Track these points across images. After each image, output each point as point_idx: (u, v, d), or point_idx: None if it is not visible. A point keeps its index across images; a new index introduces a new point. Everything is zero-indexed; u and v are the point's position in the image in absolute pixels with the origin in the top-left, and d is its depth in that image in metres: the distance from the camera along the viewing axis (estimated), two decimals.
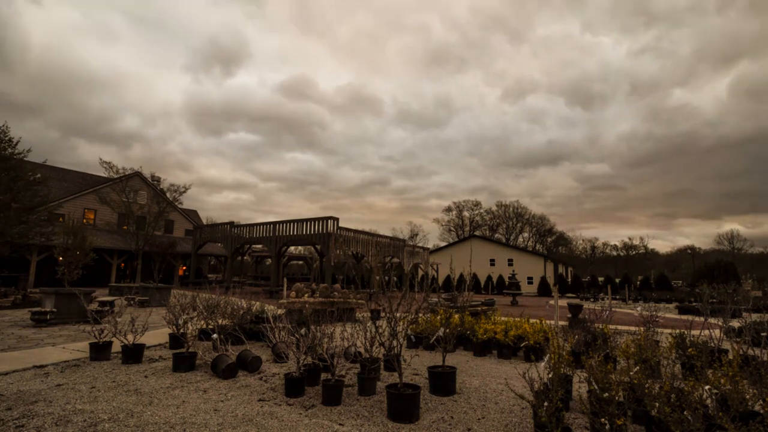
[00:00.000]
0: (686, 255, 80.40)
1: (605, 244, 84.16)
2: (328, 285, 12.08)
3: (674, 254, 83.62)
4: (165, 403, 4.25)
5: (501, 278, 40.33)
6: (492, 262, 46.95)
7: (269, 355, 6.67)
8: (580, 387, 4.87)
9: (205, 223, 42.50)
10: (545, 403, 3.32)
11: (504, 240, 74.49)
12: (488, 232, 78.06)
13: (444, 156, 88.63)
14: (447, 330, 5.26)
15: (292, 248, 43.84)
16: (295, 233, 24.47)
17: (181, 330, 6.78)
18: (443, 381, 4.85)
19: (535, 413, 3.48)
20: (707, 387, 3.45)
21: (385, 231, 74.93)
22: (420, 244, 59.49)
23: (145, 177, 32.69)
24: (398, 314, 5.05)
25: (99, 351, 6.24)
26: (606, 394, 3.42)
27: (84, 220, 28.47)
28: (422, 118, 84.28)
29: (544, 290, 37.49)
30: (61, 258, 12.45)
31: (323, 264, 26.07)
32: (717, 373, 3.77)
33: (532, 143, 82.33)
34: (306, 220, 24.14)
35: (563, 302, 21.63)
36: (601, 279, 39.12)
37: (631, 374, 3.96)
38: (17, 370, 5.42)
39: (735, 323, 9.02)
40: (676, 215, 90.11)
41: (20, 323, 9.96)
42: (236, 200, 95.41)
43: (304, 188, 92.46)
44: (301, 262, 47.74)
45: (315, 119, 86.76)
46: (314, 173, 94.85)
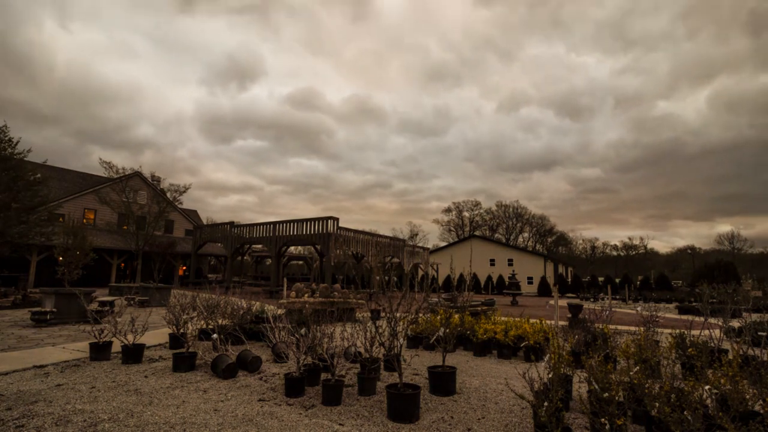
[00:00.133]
0: (686, 255, 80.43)
1: (605, 244, 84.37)
2: (328, 285, 12.08)
3: (674, 254, 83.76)
4: (165, 403, 4.25)
5: (501, 278, 40.33)
6: (492, 262, 46.96)
7: (269, 355, 6.67)
8: (580, 387, 4.87)
9: (205, 223, 42.51)
10: (545, 403, 3.32)
11: (504, 240, 74.51)
12: (488, 232, 78.09)
13: (443, 161, 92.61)
14: (447, 330, 5.26)
15: (292, 248, 43.85)
16: (295, 233, 24.47)
17: (181, 330, 6.78)
18: (443, 381, 4.85)
19: (535, 413, 3.48)
20: (707, 387, 3.45)
21: (386, 231, 76.18)
22: (420, 244, 59.53)
23: (145, 177, 32.70)
24: (398, 314, 5.05)
25: (99, 351, 6.24)
26: (606, 394, 3.42)
27: (84, 220, 28.47)
28: (422, 127, 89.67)
29: (544, 290, 37.49)
30: (61, 258, 12.45)
31: (323, 264, 26.07)
32: (717, 373, 3.76)
33: (527, 150, 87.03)
34: (306, 220, 24.14)
35: (563, 302, 21.63)
36: (601, 279, 39.12)
37: (631, 374, 3.96)
38: (17, 370, 5.42)
39: (735, 323, 9.02)
40: (670, 216, 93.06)
41: (20, 323, 9.96)
42: (241, 202, 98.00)
43: (308, 191, 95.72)
44: (301, 262, 47.75)
45: (321, 128, 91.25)
46: (318, 177, 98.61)
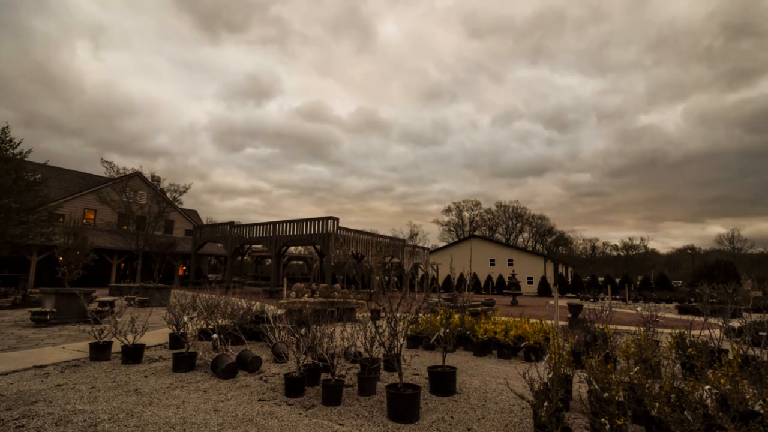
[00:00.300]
0: (686, 255, 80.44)
1: (605, 244, 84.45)
2: (328, 285, 12.08)
3: (674, 254, 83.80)
4: (165, 403, 4.25)
5: (501, 278, 40.34)
6: (492, 262, 46.96)
7: (269, 355, 6.67)
8: (580, 387, 4.87)
9: (205, 223, 42.51)
10: (545, 403, 3.32)
11: (504, 240, 74.52)
12: (488, 232, 78.10)
13: (442, 167, 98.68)
14: (447, 330, 5.26)
15: (292, 248, 43.86)
16: (295, 233, 24.47)
17: (181, 330, 6.78)
18: (443, 381, 4.85)
19: (535, 413, 3.48)
20: (707, 387, 3.45)
21: (386, 232, 77.15)
22: (420, 244, 59.58)
23: (145, 177, 32.71)
24: (398, 314, 5.05)
25: (99, 351, 6.23)
26: (606, 394, 3.42)
27: (84, 220, 28.47)
28: (422, 138, 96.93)
29: (544, 290, 37.49)
30: (62, 258, 12.46)
31: (323, 264, 26.07)
32: (717, 373, 3.76)
33: (521, 158, 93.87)
34: (306, 220, 24.13)
35: (563, 302, 21.63)
36: (601, 279, 39.12)
37: (631, 374, 3.96)
38: (17, 370, 5.42)
39: (735, 323, 9.01)
40: (662, 218, 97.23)
41: (20, 323, 9.96)
42: (247, 204, 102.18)
43: (312, 194, 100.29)
44: (301, 262, 47.75)
45: (328, 138, 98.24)
46: (322, 181, 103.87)
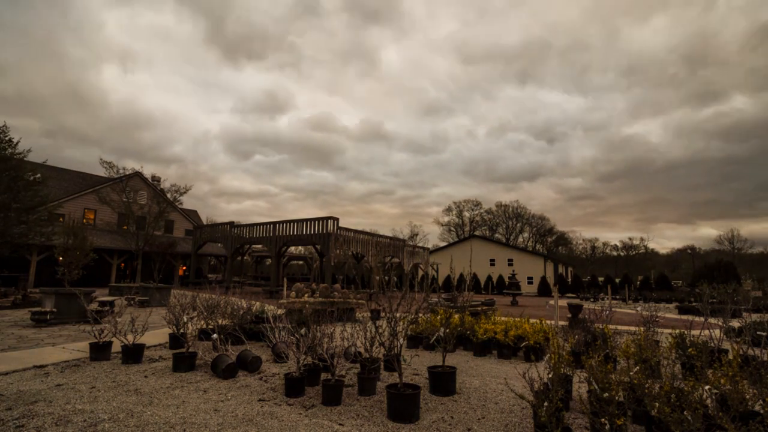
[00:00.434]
0: (686, 255, 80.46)
1: (605, 244, 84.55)
2: (328, 285, 12.08)
3: (674, 254, 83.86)
4: (165, 403, 4.25)
5: (501, 278, 40.34)
6: (492, 262, 46.96)
7: (269, 355, 6.68)
8: (580, 387, 4.87)
9: (206, 223, 42.51)
10: (545, 403, 3.32)
11: (504, 240, 74.52)
12: (488, 232, 78.11)
13: (442, 173, 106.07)
14: (447, 330, 5.26)
15: (292, 248, 43.86)
16: (295, 233, 24.47)
17: (181, 330, 6.78)
18: (443, 381, 4.85)
19: (535, 413, 3.48)
20: (707, 387, 3.45)
21: (386, 232, 78.47)
22: (420, 244, 59.63)
23: (145, 177, 32.70)
24: (398, 314, 5.05)
25: (99, 351, 6.24)
26: (606, 394, 3.42)
27: (84, 220, 28.47)
28: (422, 147, 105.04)
29: (544, 290, 37.50)
30: (61, 258, 12.45)
31: (323, 264, 26.07)
32: (717, 373, 3.76)
33: (515, 164, 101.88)
34: (306, 220, 24.13)
35: (563, 302, 21.63)
36: (601, 279, 39.12)
37: (631, 374, 3.96)
38: (17, 370, 5.42)
39: (735, 323, 9.02)
40: (655, 220, 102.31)
41: (20, 323, 9.96)
42: (253, 207, 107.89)
43: (316, 197, 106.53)
44: (301, 262, 47.75)
45: (334, 147, 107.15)
46: (327, 185, 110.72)
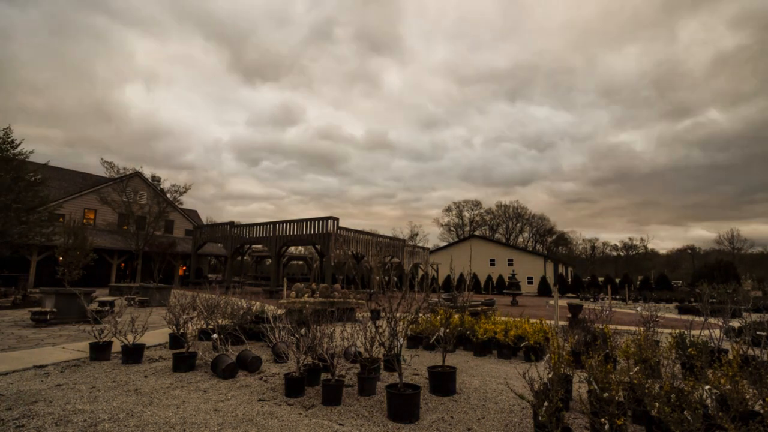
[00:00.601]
0: (686, 255, 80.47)
1: (605, 244, 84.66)
2: (328, 285, 12.08)
3: (674, 254, 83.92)
4: (165, 403, 4.25)
5: (501, 278, 40.33)
6: (492, 262, 46.95)
7: (269, 355, 6.68)
8: (580, 387, 4.87)
9: (206, 223, 42.51)
10: (545, 403, 3.32)
11: (504, 240, 74.53)
12: (488, 232, 78.12)
13: (441, 178, 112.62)
14: (447, 330, 5.26)
15: (292, 248, 43.88)
16: (295, 233, 24.46)
17: (181, 330, 6.78)
18: (443, 381, 4.85)
19: (535, 413, 3.48)
20: (707, 387, 3.45)
21: (386, 232, 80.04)
22: (420, 244, 59.70)
23: (145, 177, 32.69)
24: (398, 314, 5.05)
25: (99, 351, 6.24)
26: (606, 394, 3.42)
27: (84, 220, 28.46)
28: (422, 155, 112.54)
29: (544, 290, 37.49)
30: (62, 258, 12.46)
31: (323, 264, 26.07)
32: (717, 373, 3.76)
33: (510, 171, 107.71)
34: (306, 220, 24.12)
35: (563, 302, 21.63)
36: (601, 279, 39.08)
37: (631, 374, 3.96)
38: (17, 370, 5.43)
39: (735, 323, 9.01)
40: (648, 221, 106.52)
41: (20, 323, 9.96)
42: (260, 209, 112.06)
43: (320, 201, 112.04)
44: (301, 262, 47.73)
45: (338, 154, 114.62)
46: (331, 189, 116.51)
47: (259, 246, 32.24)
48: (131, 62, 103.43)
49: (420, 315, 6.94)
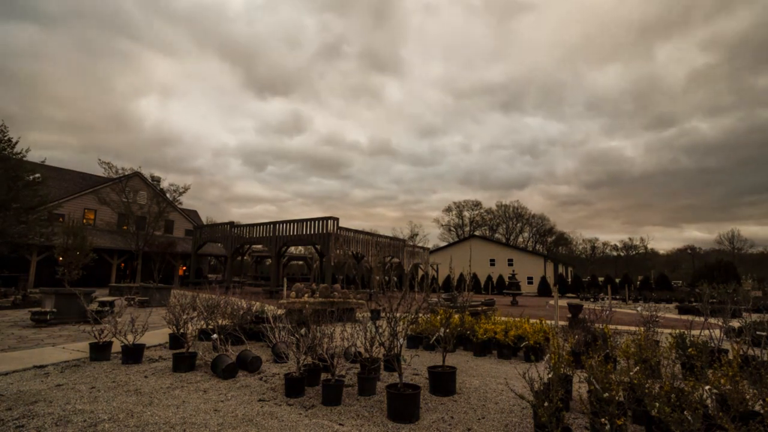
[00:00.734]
0: (686, 255, 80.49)
1: (605, 244, 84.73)
2: (328, 285, 12.08)
3: (674, 254, 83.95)
4: (165, 404, 4.25)
5: (501, 278, 40.34)
6: (492, 262, 46.96)
7: (269, 355, 6.67)
8: (580, 387, 4.87)
9: (205, 224, 42.50)
10: (545, 403, 3.33)
11: (504, 240, 74.55)
12: (488, 232, 78.13)
13: (440, 182, 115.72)
14: (447, 330, 5.26)
15: (292, 248, 43.88)
16: (295, 233, 24.46)
17: (181, 330, 6.78)
18: (443, 381, 4.85)
19: (535, 413, 3.48)
20: (707, 387, 3.45)
21: (386, 232, 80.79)
22: (420, 245, 59.71)
23: (145, 177, 32.67)
24: (398, 314, 5.05)
25: (99, 351, 6.23)
26: (606, 394, 3.42)
27: (84, 220, 28.46)
28: (422, 160, 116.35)
29: (544, 290, 37.50)
30: (61, 258, 12.45)
31: (323, 264, 26.07)
32: (717, 373, 3.76)
33: (506, 175, 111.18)
34: (306, 220, 24.12)
35: (563, 302, 21.63)
36: (601, 279, 39.10)
37: (631, 374, 3.96)
38: (17, 370, 5.42)
39: (735, 323, 9.01)
40: (642, 223, 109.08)
41: (20, 323, 9.96)
42: (264, 211, 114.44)
43: (323, 203, 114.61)
44: (301, 262, 47.74)
45: (340, 159, 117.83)
46: (333, 191, 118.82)
47: (259, 246, 32.23)
48: (150, 79, 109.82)
49: (420, 315, 6.94)
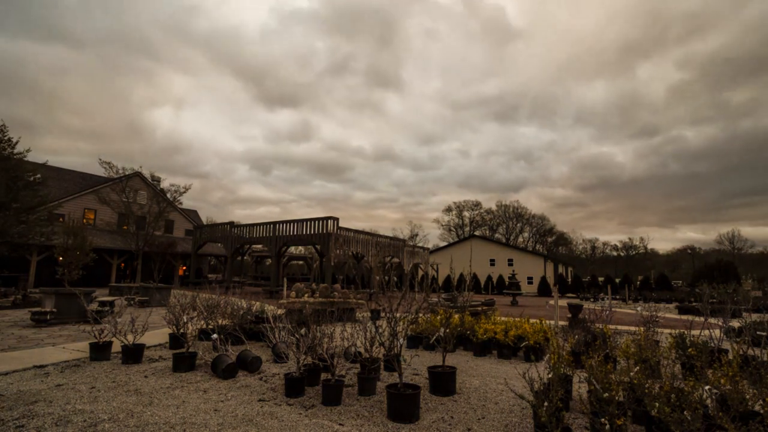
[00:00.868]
0: (686, 255, 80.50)
1: (605, 244, 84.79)
2: (328, 285, 12.08)
3: (674, 254, 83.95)
4: (165, 403, 4.25)
5: (501, 278, 40.34)
6: (492, 262, 46.96)
7: (269, 355, 6.67)
8: (580, 387, 4.87)
9: (206, 224, 42.50)
10: (545, 403, 3.33)
11: (504, 240, 74.56)
12: (488, 232, 78.14)
13: (440, 185, 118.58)
14: (447, 330, 5.26)
15: (292, 248, 43.88)
16: (295, 233, 24.47)
17: (181, 330, 6.78)
18: (443, 381, 4.85)
19: (535, 413, 3.48)
20: (707, 387, 3.45)
21: (386, 232, 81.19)
22: (420, 245, 59.72)
23: (145, 177, 32.67)
24: (398, 314, 5.05)
25: (99, 351, 6.24)
26: (606, 394, 3.42)
27: (84, 220, 28.46)
28: (422, 165, 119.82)
29: (544, 290, 37.50)
30: (61, 258, 12.46)
31: (323, 264, 26.07)
32: (717, 373, 3.76)
33: (503, 179, 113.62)
34: (306, 220, 24.13)
35: (563, 302, 21.63)
36: (601, 279, 39.09)
37: (631, 374, 3.96)
38: (17, 370, 5.43)
39: (735, 323, 9.02)
40: (638, 224, 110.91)
41: (20, 323, 9.96)
42: (267, 212, 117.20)
43: (326, 204, 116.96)
44: (301, 262, 47.74)
45: (344, 164, 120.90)
46: (336, 194, 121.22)
47: (259, 246, 32.25)
48: (166, 92, 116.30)
49: (420, 315, 6.94)
